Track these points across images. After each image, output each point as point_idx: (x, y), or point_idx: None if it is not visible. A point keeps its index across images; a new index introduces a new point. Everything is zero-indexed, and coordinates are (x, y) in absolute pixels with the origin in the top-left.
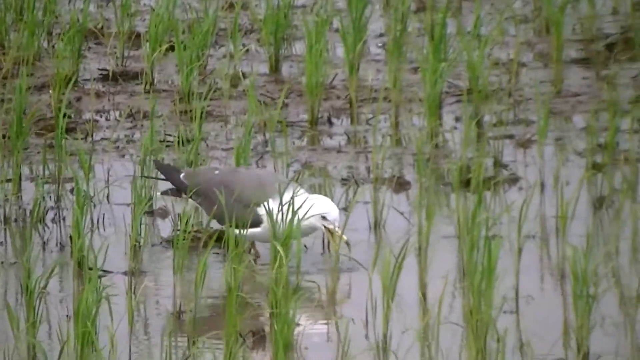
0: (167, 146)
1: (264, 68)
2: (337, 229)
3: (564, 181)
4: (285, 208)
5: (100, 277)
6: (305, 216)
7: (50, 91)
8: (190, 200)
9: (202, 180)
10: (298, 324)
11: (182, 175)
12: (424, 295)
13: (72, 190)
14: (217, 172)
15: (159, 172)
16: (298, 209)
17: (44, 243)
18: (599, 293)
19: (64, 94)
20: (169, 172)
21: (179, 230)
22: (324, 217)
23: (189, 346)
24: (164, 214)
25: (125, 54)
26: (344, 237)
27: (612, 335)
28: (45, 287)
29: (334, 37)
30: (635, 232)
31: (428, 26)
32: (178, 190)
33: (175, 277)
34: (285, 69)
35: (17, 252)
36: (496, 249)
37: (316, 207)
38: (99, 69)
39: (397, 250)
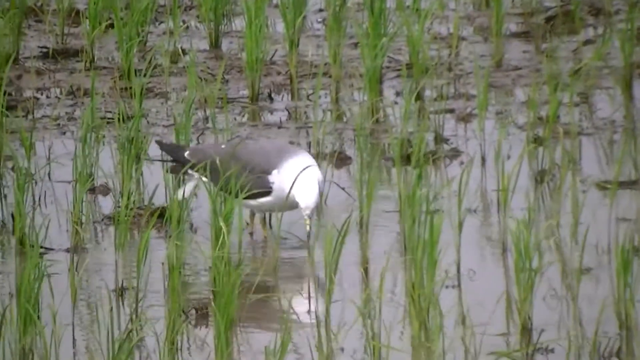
0: (107, 123)
1: (204, 44)
2: (306, 216)
3: (505, 155)
4: (291, 176)
5: (42, 254)
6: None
7: None
8: (196, 176)
9: (208, 155)
10: (240, 301)
11: (186, 153)
12: (365, 270)
13: (13, 168)
14: (223, 146)
15: (163, 152)
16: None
17: None
18: (541, 266)
19: (4, 72)
20: (173, 151)
21: (120, 207)
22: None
23: (131, 322)
24: (105, 191)
25: (65, 32)
26: (307, 227)
27: (555, 308)
28: None
29: (274, 13)
30: (575, 205)
31: (368, 1)
32: (182, 167)
33: (117, 254)
34: (225, 45)
35: None
36: (438, 224)
37: (297, 189)
38: (39, 47)
39: (338, 225)
